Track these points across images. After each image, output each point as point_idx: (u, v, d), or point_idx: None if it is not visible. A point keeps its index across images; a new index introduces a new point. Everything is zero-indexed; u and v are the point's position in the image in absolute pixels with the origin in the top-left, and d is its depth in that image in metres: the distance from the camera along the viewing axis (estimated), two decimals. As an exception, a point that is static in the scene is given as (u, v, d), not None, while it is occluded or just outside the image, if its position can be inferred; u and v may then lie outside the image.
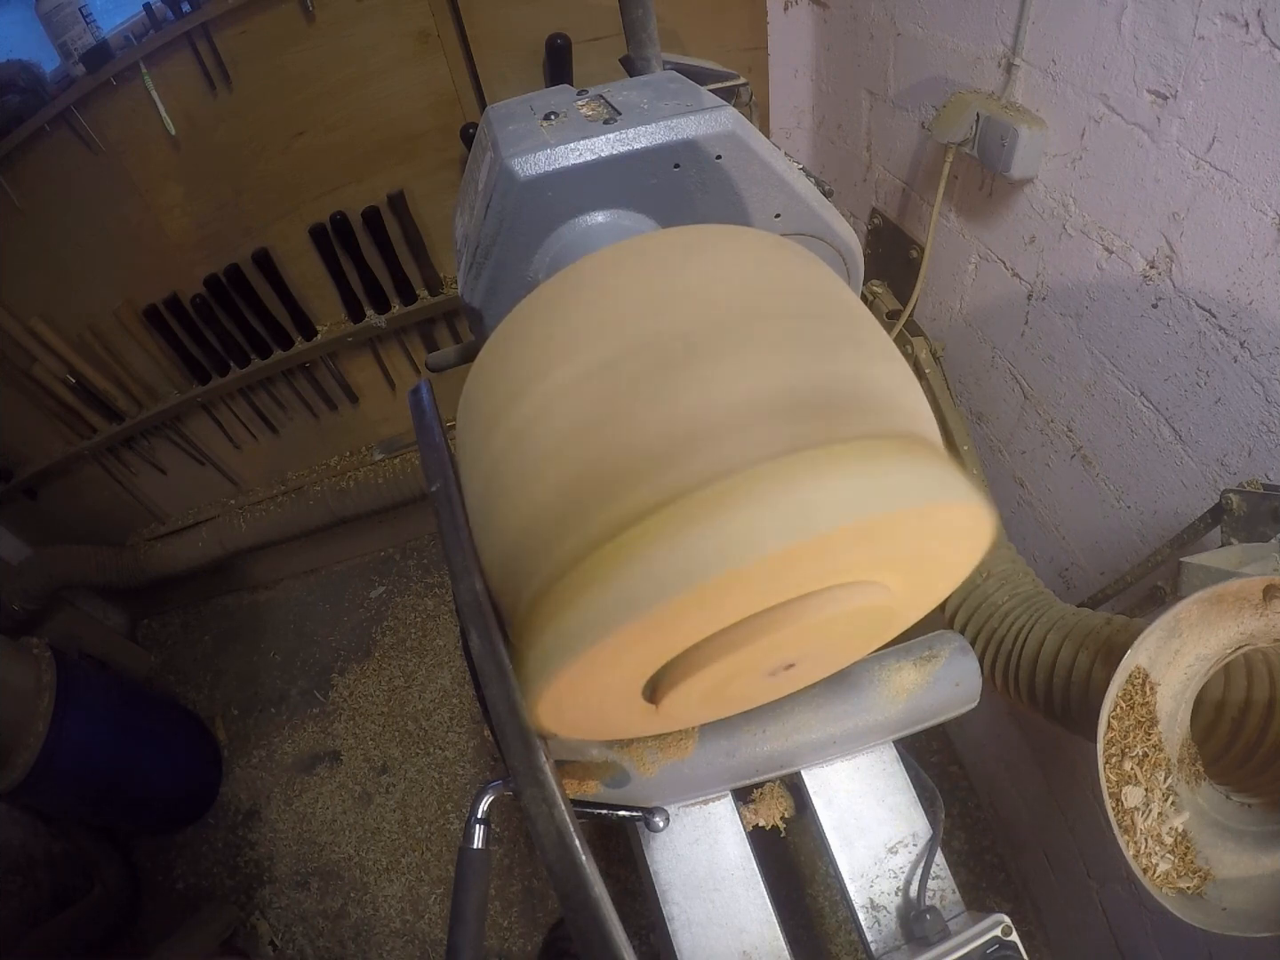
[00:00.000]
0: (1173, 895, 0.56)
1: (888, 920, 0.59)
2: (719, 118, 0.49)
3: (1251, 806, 0.60)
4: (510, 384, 0.33)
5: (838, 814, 0.62)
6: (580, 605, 0.28)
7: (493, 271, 0.52)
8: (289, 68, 1.29)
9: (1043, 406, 1.03)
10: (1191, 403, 0.77)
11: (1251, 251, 0.66)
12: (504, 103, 0.58)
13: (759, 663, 0.34)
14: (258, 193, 1.44)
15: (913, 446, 0.30)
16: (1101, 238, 0.84)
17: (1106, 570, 0.97)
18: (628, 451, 0.29)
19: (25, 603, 1.79)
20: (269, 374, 1.68)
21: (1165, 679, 0.57)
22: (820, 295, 0.35)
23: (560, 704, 0.32)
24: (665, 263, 0.34)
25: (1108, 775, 0.56)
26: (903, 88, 1.16)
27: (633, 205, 0.52)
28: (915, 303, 1.21)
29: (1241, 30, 0.61)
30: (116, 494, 1.86)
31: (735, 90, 0.98)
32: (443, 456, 0.41)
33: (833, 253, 0.57)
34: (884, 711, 0.61)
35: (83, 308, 1.51)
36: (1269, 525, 0.66)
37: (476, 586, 0.34)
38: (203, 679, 2.07)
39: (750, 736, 0.60)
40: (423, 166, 1.47)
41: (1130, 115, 0.75)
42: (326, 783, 1.82)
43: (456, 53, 1.33)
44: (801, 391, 0.30)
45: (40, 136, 1.25)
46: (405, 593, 2.13)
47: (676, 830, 0.61)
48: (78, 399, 1.60)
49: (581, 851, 0.30)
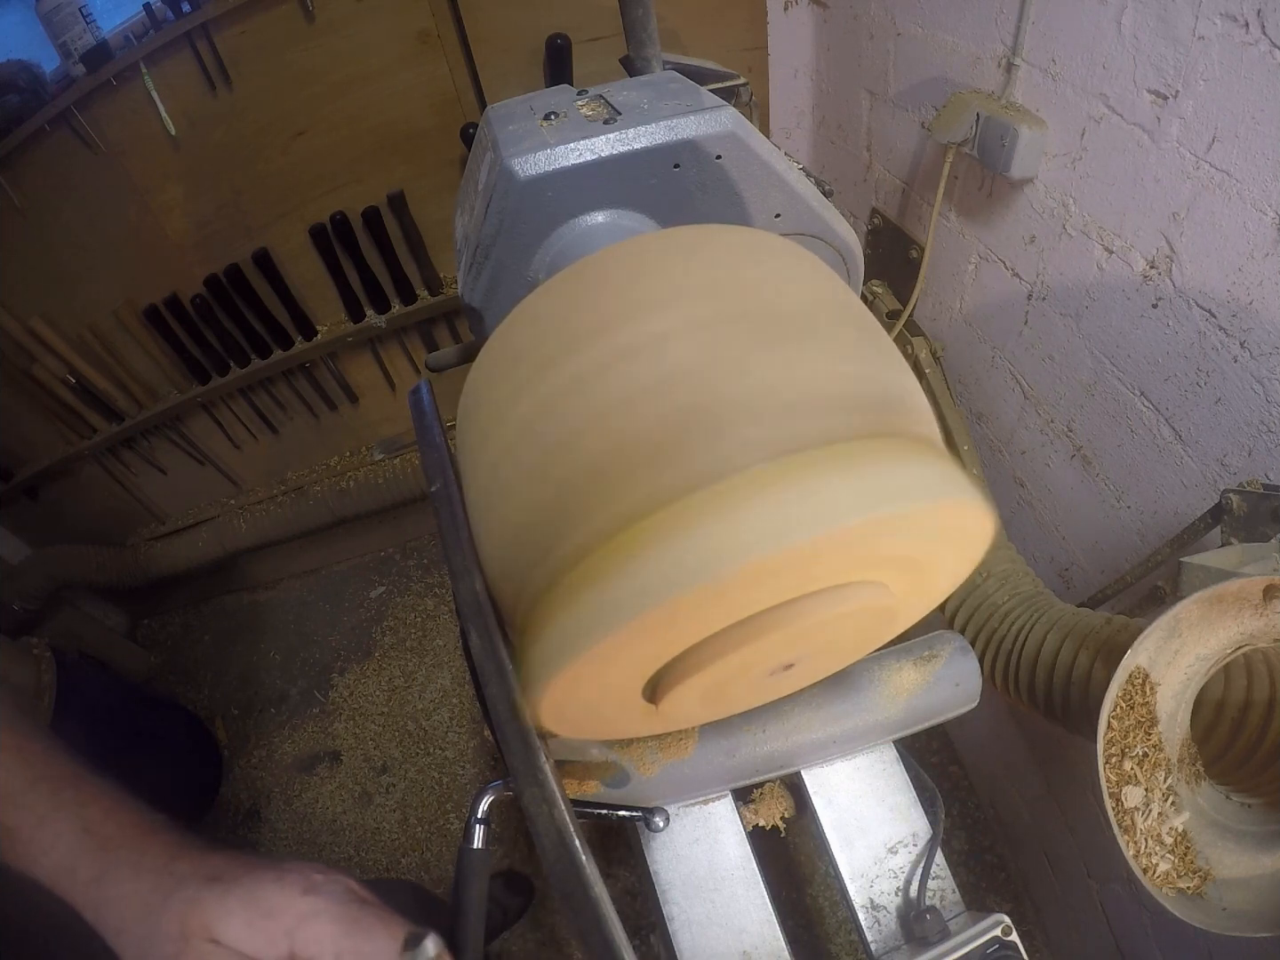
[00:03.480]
0: (1173, 895, 0.56)
1: (888, 920, 0.59)
2: (719, 118, 0.49)
3: (1251, 806, 0.60)
4: (510, 384, 0.33)
5: (838, 814, 0.62)
6: (581, 605, 0.28)
7: (493, 271, 0.52)
8: (289, 68, 1.29)
9: (1043, 406, 1.03)
10: (1191, 403, 0.77)
11: (1251, 251, 0.66)
12: (504, 103, 0.58)
13: (759, 663, 0.34)
14: (258, 193, 1.44)
15: (913, 445, 0.30)
16: (1101, 238, 0.84)
17: (1106, 570, 0.97)
18: (628, 450, 0.29)
19: (25, 603, 1.79)
20: (269, 374, 1.68)
21: (1165, 679, 0.57)
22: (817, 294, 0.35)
23: (560, 704, 0.32)
24: (665, 260, 0.34)
25: (1108, 775, 0.56)
26: (903, 88, 1.16)
27: (632, 205, 0.52)
28: (915, 303, 1.21)
29: (1241, 30, 0.61)
30: (116, 494, 1.86)
31: (735, 90, 0.99)
32: (443, 456, 0.41)
33: (833, 253, 0.57)
34: (884, 711, 0.61)
35: (83, 308, 1.51)
36: (1269, 525, 0.66)
37: (476, 586, 0.34)
38: (203, 679, 2.07)
39: (750, 736, 0.60)
40: (423, 166, 1.47)
41: (1130, 115, 0.75)
42: (326, 783, 1.82)
43: (456, 53, 1.33)
44: (800, 392, 0.30)
45: (40, 136, 1.25)
46: (405, 593, 2.13)
47: (676, 830, 0.61)
48: (78, 399, 1.60)
49: (581, 851, 0.30)
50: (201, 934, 0.32)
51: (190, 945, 0.31)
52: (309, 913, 0.32)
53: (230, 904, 0.32)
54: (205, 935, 0.32)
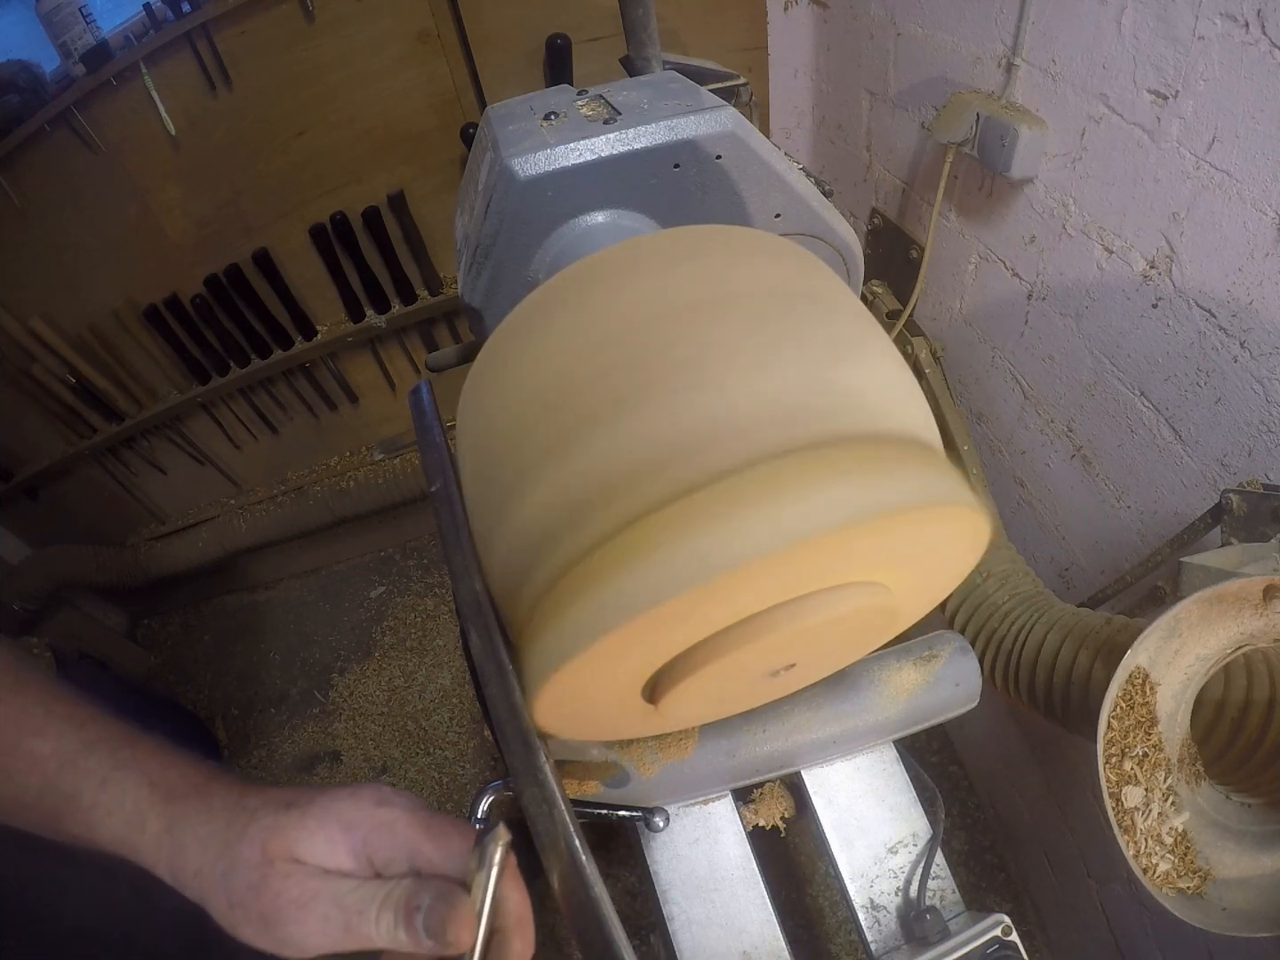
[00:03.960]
0: (1173, 895, 0.56)
1: (888, 920, 0.59)
2: (719, 118, 0.49)
3: (1251, 806, 0.60)
4: (509, 384, 0.33)
5: (838, 814, 0.62)
6: (580, 605, 0.28)
7: (493, 271, 0.52)
8: (289, 68, 1.29)
9: (1043, 406, 1.03)
10: (1191, 403, 0.77)
11: (1251, 251, 0.66)
12: (504, 103, 0.58)
13: (759, 663, 0.34)
14: (258, 193, 1.44)
15: (910, 448, 0.30)
16: (1101, 238, 0.84)
17: (1106, 570, 0.97)
18: (628, 451, 0.29)
19: (25, 603, 1.79)
20: (269, 374, 1.68)
21: (1165, 679, 0.57)
22: (816, 294, 0.35)
23: (560, 704, 0.32)
24: (671, 264, 0.34)
25: (1108, 775, 0.56)
26: (903, 88, 1.16)
27: (632, 205, 0.52)
28: (915, 303, 1.21)
29: (1241, 30, 0.61)
30: (116, 494, 1.86)
31: (735, 90, 0.99)
32: (443, 456, 0.41)
33: (833, 253, 0.57)
34: (884, 711, 0.61)
35: (83, 308, 1.51)
36: (1269, 525, 0.66)
37: (476, 586, 0.34)
38: (203, 679, 2.07)
39: (750, 736, 0.60)
40: (423, 166, 1.47)
41: (1130, 115, 0.75)
42: (327, 783, 1.81)
43: (456, 53, 1.33)
44: (800, 393, 0.30)
45: (40, 136, 1.25)
46: (405, 593, 2.13)
47: (676, 830, 0.61)
48: (78, 399, 1.60)
49: (581, 851, 0.30)
50: (284, 855, 0.32)
51: (274, 867, 0.32)
52: (385, 821, 0.33)
53: (309, 823, 0.33)
54: (287, 856, 0.32)
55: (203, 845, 0.33)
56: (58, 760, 0.35)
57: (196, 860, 0.33)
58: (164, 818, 0.34)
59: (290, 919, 0.31)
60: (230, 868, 0.32)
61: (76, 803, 0.34)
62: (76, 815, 0.34)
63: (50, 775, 0.35)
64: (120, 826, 0.34)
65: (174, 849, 0.33)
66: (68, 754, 0.35)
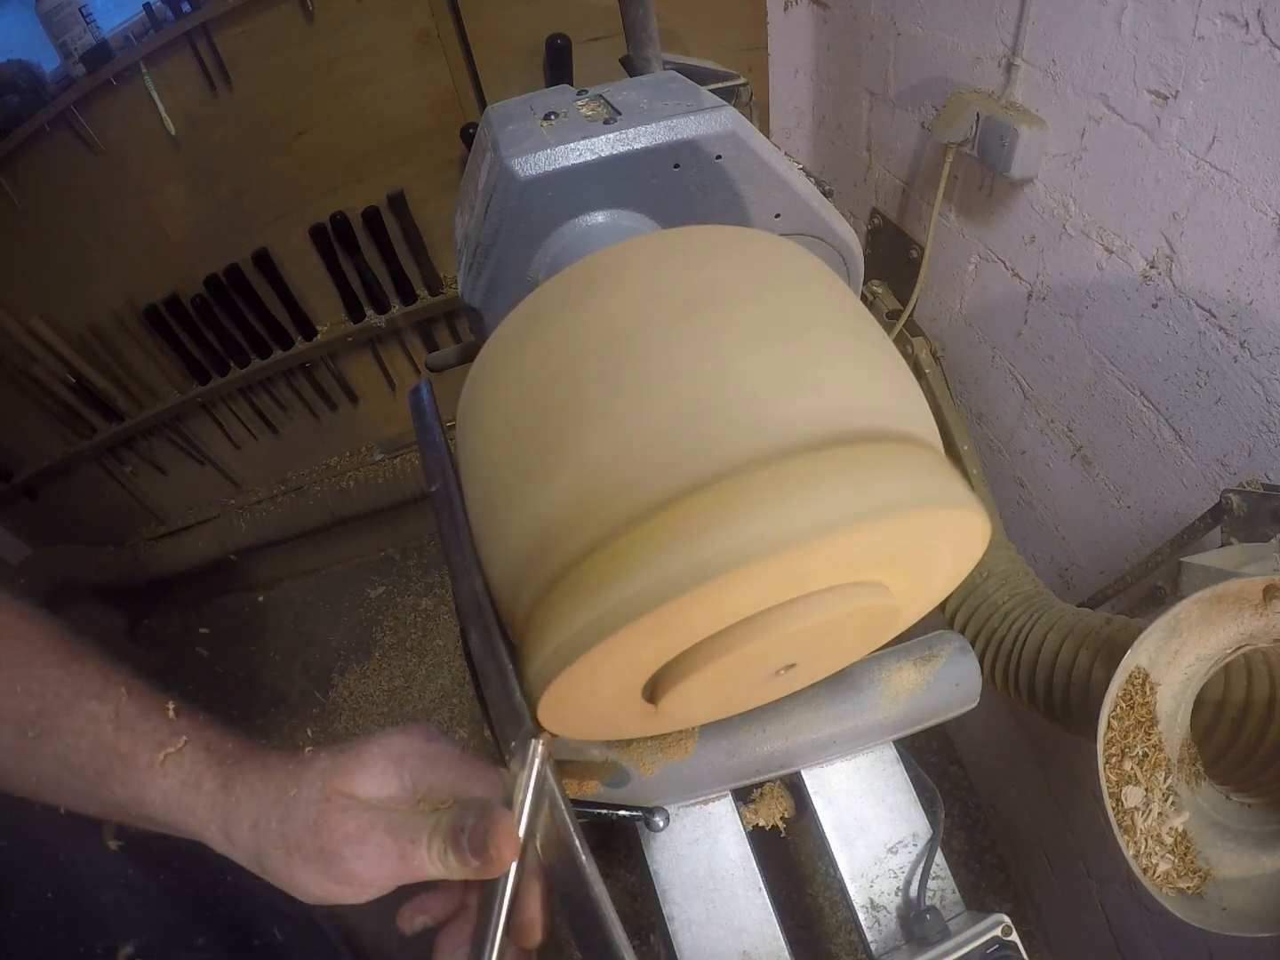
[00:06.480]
0: (1173, 895, 0.56)
1: (888, 920, 0.59)
2: (719, 118, 0.49)
3: (1251, 806, 0.60)
4: (510, 384, 0.33)
5: (838, 814, 0.62)
6: (581, 606, 0.28)
7: (493, 271, 0.52)
8: (289, 68, 1.29)
9: (1043, 406, 1.03)
10: (1191, 403, 0.77)
11: (1251, 251, 0.66)
12: (504, 103, 0.58)
13: (759, 663, 0.34)
14: (258, 193, 1.44)
15: (910, 449, 0.30)
16: (1101, 238, 0.84)
17: (1106, 570, 0.97)
18: (629, 453, 0.29)
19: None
20: (269, 374, 1.68)
21: (1165, 679, 0.57)
22: (815, 294, 0.35)
23: (561, 705, 0.32)
24: (670, 264, 0.34)
25: (1108, 775, 0.56)
26: (903, 88, 1.16)
27: (633, 205, 0.52)
28: (915, 303, 1.21)
29: (1241, 30, 0.61)
30: (116, 494, 1.86)
31: (735, 90, 0.99)
32: (443, 456, 0.41)
33: (833, 253, 0.58)
34: (884, 711, 0.61)
35: (83, 308, 1.51)
36: (1269, 525, 0.66)
37: (476, 586, 0.34)
38: (203, 679, 2.07)
39: (750, 736, 0.60)
40: (423, 166, 1.47)
41: (1130, 115, 0.75)
42: (326, 783, 1.82)
43: (456, 53, 1.33)
44: (800, 394, 0.30)
45: (40, 136, 1.25)
46: (405, 593, 2.13)
47: (676, 830, 0.61)
48: (78, 399, 1.60)
49: (582, 851, 0.30)
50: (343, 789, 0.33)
51: (331, 803, 0.33)
52: (433, 754, 0.35)
53: (365, 759, 0.34)
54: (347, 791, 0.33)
55: (258, 798, 0.34)
56: (115, 724, 0.36)
57: (254, 813, 0.34)
58: (220, 778, 0.35)
59: (350, 853, 0.32)
60: (288, 812, 0.33)
61: (132, 762, 0.35)
62: (129, 775, 0.35)
63: (106, 736, 0.35)
64: (175, 787, 0.34)
65: (229, 806, 0.34)
66: (126, 718, 0.36)
